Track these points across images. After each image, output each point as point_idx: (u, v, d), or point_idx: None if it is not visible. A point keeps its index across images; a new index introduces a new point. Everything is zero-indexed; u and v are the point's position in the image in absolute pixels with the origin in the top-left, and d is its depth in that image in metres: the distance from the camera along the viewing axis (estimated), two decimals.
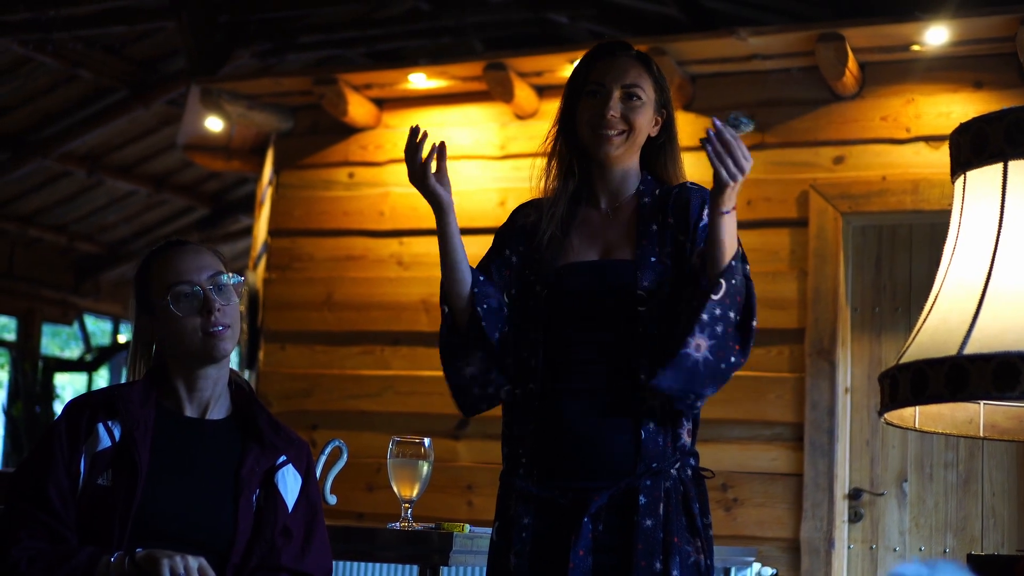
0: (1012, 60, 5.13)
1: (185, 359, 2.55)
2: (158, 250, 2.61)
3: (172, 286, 2.53)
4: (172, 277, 2.54)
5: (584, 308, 2.70)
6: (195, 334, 2.52)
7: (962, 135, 2.63)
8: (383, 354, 5.98)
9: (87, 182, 9.46)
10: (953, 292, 2.55)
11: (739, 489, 5.29)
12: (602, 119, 2.73)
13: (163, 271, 2.55)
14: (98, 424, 2.47)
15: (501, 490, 2.76)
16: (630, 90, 2.75)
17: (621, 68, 2.77)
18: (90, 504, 2.43)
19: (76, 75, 7.84)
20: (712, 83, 5.61)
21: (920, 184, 5.20)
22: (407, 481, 3.11)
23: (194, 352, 2.53)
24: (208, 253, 2.60)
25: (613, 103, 2.74)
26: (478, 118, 6.00)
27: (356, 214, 6.16)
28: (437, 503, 5.44)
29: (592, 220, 2.81)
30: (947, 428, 2.76)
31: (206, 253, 2.60)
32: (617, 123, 2.74)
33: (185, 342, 2.53)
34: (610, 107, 2.73)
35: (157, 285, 2.55)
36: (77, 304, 11.30)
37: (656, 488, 2.61)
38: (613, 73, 2.77)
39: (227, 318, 2.54)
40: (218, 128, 6.61)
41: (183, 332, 2.52)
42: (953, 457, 5.14)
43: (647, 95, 2.77)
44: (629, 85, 2.76)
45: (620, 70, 2.77)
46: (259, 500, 2.53)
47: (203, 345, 2.52)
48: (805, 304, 5.30)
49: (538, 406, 2.68)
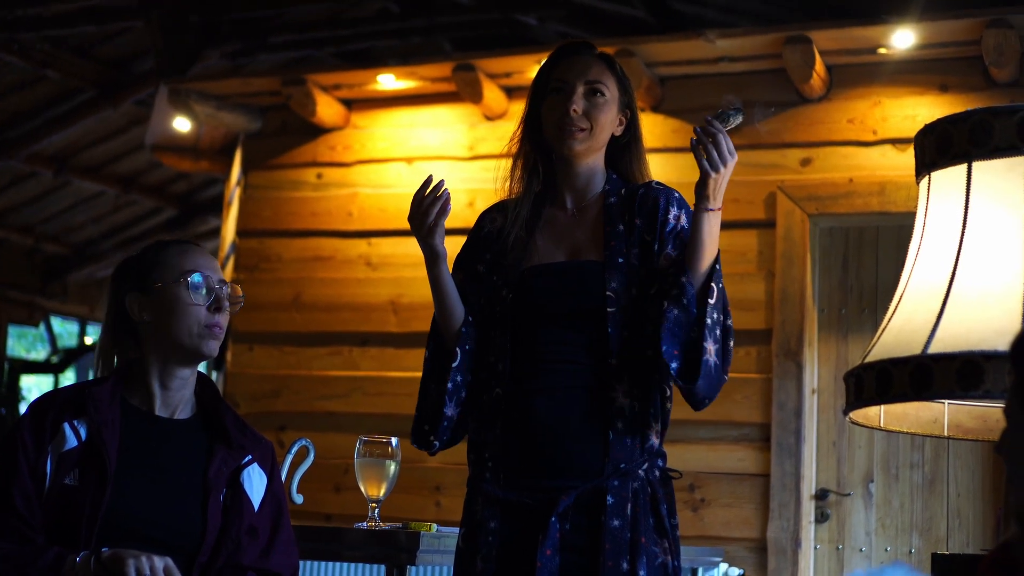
0: (977, 63, 5.17)
1: (168, 353, 2.55)
2: (171, 241, 2.66)
3: (191, 272, 2.56)
4: (190, 265, 2.57)
5: (552, 310, 2.70)
6: (195, 325, 2.54)
7: (927, 136, 2.64)
8: (351, 355, 5.97)
9: (54, 183, 9.41)
10: (918, 292, 2.56)
11: (706, 490, 5.30)
12: (565, 114, 2.74)
13: (183, 258, 2.59)
14: (64, 423, 2.46)
15: (468, 496, 2.76)
16: (593, 86, 2.76)
17: (584, 65, 2.79)
18: (57, 504, 2.42)
19: (43, 75, 7.80)
20: (680, 85, 5.62)
21: (887, 186, 5.24)
22: (374, 481, 3.10)
23: (184, 343, 2.54)
24: (217, 262, 2.66)
25: (576, 98, 2.75)
26: (447, 119, 6.00)
27: (324, 215, 6.15)
28: (405, 504, 5.43)
29: (558, 221, 2.81)
30: (912, 428, 2.77)
31: (216, 260, 2.69)
32: (580, 119, 2.74)
33: (183, 330, 2.53)
34: (573, 101, 2.74)
35: (173, 269, 2.57)
36: (43, 306, 11.23)
37: (624, 488, 2.61)
38: (576, 70, 2.78)
39: (225, 321, 2.59)
40: (186, 128, 6.59)
41: (185, 319, 2.54)
42: (919, 458, 5.17)
43: (610, 93, 2.78)
44: (592, 81, 2.77)
45: (583, 67, 2.78)
46: (225, 500, 2.53)
47: (198, 337, 2.54)
48: (772, 305, 5.32)
49: (505, 409, 2.69)
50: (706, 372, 2.59)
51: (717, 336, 2.61)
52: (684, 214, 2.75)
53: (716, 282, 2.62)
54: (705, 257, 2.61)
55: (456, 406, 2.74)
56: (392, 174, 6.03)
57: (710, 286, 2.61)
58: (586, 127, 2.75)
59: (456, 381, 2.73)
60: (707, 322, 2.59)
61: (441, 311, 2.77)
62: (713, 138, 2.58)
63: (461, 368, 2.74)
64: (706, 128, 2.59)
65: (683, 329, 2.60)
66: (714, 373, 2.61)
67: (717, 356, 2.61)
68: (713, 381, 2.61)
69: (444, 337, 2.78)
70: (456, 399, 2.74)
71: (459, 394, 2.74)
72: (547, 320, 2.70)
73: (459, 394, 2.74)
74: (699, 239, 2.61)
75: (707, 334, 2.59)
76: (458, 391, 2.74)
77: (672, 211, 2.74)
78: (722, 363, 2.63)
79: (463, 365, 2.74)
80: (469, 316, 2.77)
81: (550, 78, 2.81)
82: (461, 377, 2.74)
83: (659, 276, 2.67)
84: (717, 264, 2.62)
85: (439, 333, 2.79)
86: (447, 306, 2.76)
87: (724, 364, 2.64)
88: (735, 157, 2.59)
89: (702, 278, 2.62)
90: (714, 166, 2.57)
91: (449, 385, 2.72)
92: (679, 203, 2.76)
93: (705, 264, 2.61)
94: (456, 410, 2.74)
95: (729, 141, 2.59)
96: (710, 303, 2.60)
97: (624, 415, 2.64)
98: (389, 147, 6.08)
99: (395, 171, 6.03)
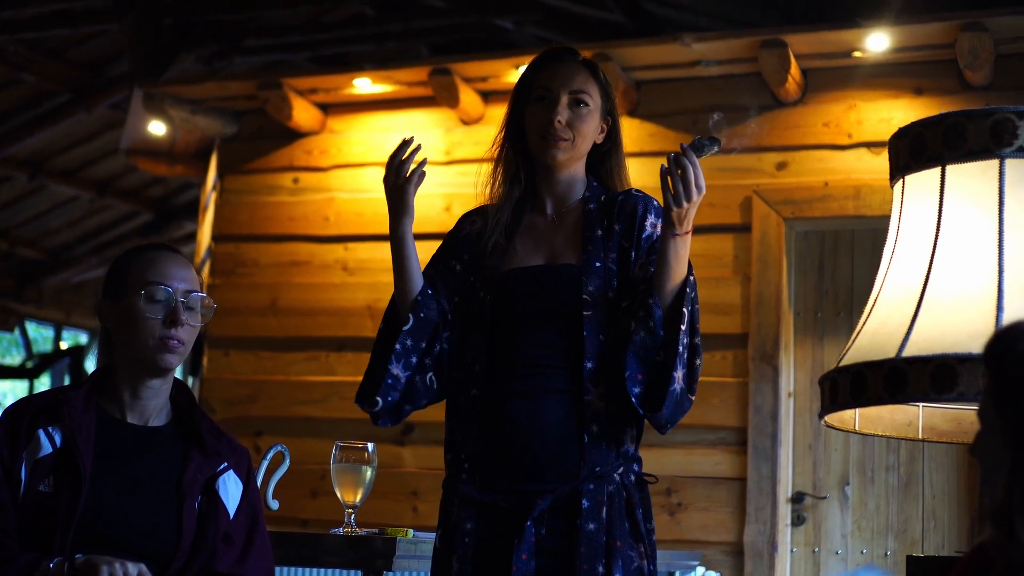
0: (952, 66, 5.19)
1: (131, 364, 2.54)
2: (147, 246, 2.62)
3: (149, 283, 2.53)
4: (152, 275, 2.54)
5: (529, 312, 2.70)
6: (150, 338, 2.51)
7: (901, 139, 2.65)
8: (328, 360, 5.96)
9: (29, 187, 9.37)
10: (892, 295, 2.57)
11: (683, 493, 5.31)
12: (550, 124, 2.74)
13: (145, 266, 2.56)
14: (39, 430, 2.45)
15: (444, 497, 2.76)
16: (577, 96, 2.76)
17: (569, 74, 2.78)
18: (32, 510, 2.41)
19: (18, 78, 7.76)
20: (657, 89, 5.63)
21: (862, 189, 5.25)
22: (350, 486, 3.10)
23: (142, 356, 2.52)
24: (191, 269, 2.62)
25: (561, 108, 2.74)
26: (423, 123, 6.00)
27: (301, 219, 6.14)
28: (382, 509, 5.42)
29: (537, 226, 2.81)
30: (887, 430, 2.78)
31: (190, 268, 2.61)
32: (563, 129, 2.74)
33: (138, 342, 2.52)
34: (557, 112, 2.74)
35: (135, 278, 2.54)
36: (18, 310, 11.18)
37: (599, 492, 2.61)
38: (561, 78, 2.77)
39: (185, 335, 2.54)
40: (161, 132, 6.57)
41: (141, 331, 2.51)
42: (894, 460, 5.19)
43: (594, 101, 2.78)
44: (576, 91, 2.76)
45: (568, 75, 2.78)
46: (201, 506, 2.52)
47: (153, 351, 2.51)
48: (748, 309, 5.33)
49: (481, 410, 2.68)
50: (670, 401, 2.58)
51: (685, 360, 2.61)
52: (660, 223, 2.75)
53: (688, 305, 2.60)
54: (672, 278, 2.60)
55: (404, 369, 2.71)
56: (369, 179, 6.02)
57: (681, 311, 2.59)
58: (569, 137, 2.75)
59: (405, 344, 2.70)
60: (678, 348, 2.58)
61: (400, 274, 2.74)
62: (683, 170, 2.55)
63: (412, 333, 2.71)
64: (678, 158, 2.56)
65: (648, 352, 2.60)
66: (679, 399, 2.61)
67: (684, 381, 2.61)
68: (676, 408, 2.61)
69: (398, 304, 2.75)
70: (404, 362, 2.70)
71: (408, 357, 2.71)
72: (524, 322, 2.70)
73: (408, 357, 2.71)
74: (665, 262, 2.60)
75: (677, 362, 2.58)
76: (407, 354, 2.71)
77: (650, 219, 2.74)
78: (688, 385, 2.62)
79: (415, 330, 2.72)
80: (428, 289, 2.76)
81: (534, 84, 2.80)
82: (411, 341, 2.71)
83: (631, 289, 2.68)
84: (688, 286, 2.61)
85: (394, 302, 2.77)
86: (406, 269, 2.73)
87: (691, 386, 2.63)
88: (703, 192, 2.56)
89: (670, 298, 2.61)
90: (677, 201, 2.55)
91: (398, 346, 2.70)
92: (657, 211, 2.76)
93: (672, 284, 2.60)
94: (403, 373, 2.71)
95: (699, 174, 2.56)
96: (681, 329, 2.59)
97: (600, 419, 2.64)
98: (366, 151, 6.08)
99: (372, 176, 6.02)
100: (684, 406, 2.63)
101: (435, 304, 2.76)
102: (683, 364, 2.60)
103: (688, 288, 2.61)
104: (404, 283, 2.75)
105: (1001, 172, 2.48)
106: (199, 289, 2.60)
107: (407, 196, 2.72)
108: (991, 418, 1.67)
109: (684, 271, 2.62)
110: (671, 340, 2.59)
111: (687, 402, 2.63)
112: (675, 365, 2.58)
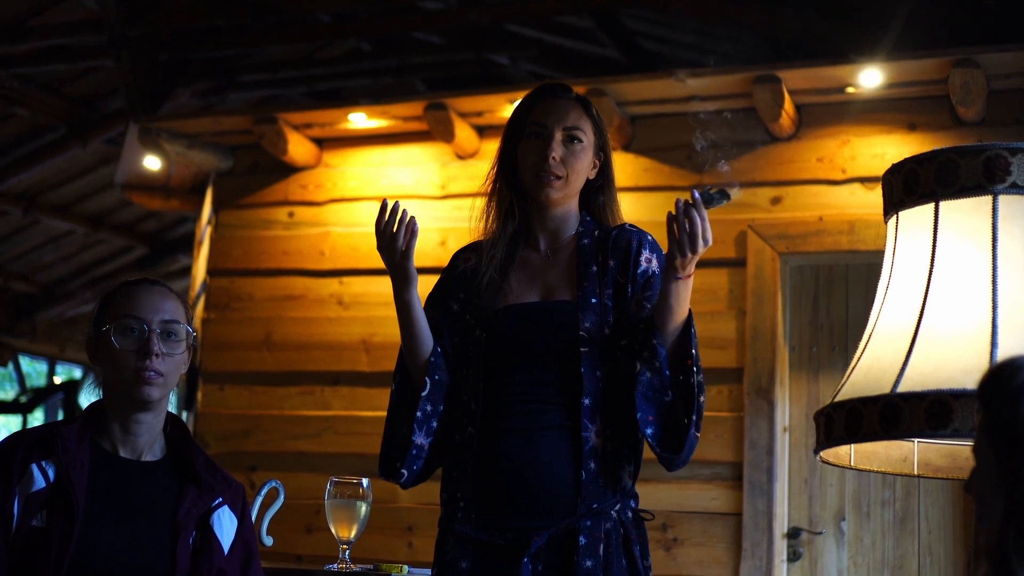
0: (945, 102, 5.21)
1: (117, 399, 2.53)
2: (128, 282, 2.61)
3: (121, 317, 2.52)
4: (125, 309, 2.53)
5: (525, 349, 2.70)
6: (126, 372, 2.50)
7: (894, 175, 2.66)
8: (322, 394, 5.94)
9: (23, 221, 9.37)
10: (886, 331, 2.57)
11: (679, 529, 5.29)
12: (544, 161, 2.74)
13: (121, 300, 2.55)
14: (32, 464, 2.44)
15: (439, 536, 2.75)
16: (571, 132, 2.77)
17: (562, 110, 2.79)
18: (24, 545, 2.39)
19: (13, 113, 7.78)
20: (651, 124, 5.65)
21: (856, 224, 5.26)
22: (345, 522, 3.08)
23: (122, 391, 2.51)
24: (172, 299, 2.59)
25: (555, 145, 2.75)
26: (419, 158, 6.01)
27: (296, 254, 6.14)
28: (378, 545, 5.40)
29: (532, 262, 2.81)
30: (882, 466, 2.78)
31: (170, 298, 2.58)
32: (557, 166, 2.75)
33: (116, 377, 2.51)
34: (552, 149, 2.74)
35: (111, 313, 2.54)
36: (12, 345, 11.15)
37: (596, 529, 2.61)
38: (555, 115, 2.78)
39: (162, 366, 2.52)
40: (157, 167, 6.57)
41: (116, 366, 2.51)
42: (890, 496, 5.18)
43: (587, 138, 2.79)
44: (571, 127, 2.77)
45: (562, 112, 2.78)
46: (195, 542, 2.51)
47: (131, 385, 2.50)
48: (743, 343, 5.33)
49: (477, 448, 2.68)
50: (689, 444, 2.59)
51: (700, 404, 2.61)
52: (656, 258, 2.75)
53: (695, 346, 2.61)
54: (674, 319, 2.61)
55: (426, 435, 2.72)
56: (364, 213, 6.03)
57: (690, 352, 2.60)
58: (563, 174, 2.75)
59: (425, 410, 2.71)
60: (694, 391, 2.58)
61: (410, 339, 2.74)
62: (691, 222, 2.54)
63: (431, 398, 2.72)
64: (688, 209, 2.54)
65: (656, 393, 2.60)
66: (693, 440, 2.61)
67: (696, 428, 2.60)
68: (691, 449, 2.61)
69: (412, 368, 2.75)
70: (426, 428, 2.71)
71: (429, 423, 2.72)
72: (520, 359, 2.70)
73: (429, 423, 2.72)
74: (667, 303, 2.61)
75: (695, 413, 2.58)
76: (428, 420, 2.72)
77: (644, 254, 2.74)
78: (698, 424, 2.62)
79: (433, 395, 2.72)
80: (438, 347, 2.76)
81: (527, 120, 2.81)
82: (431, 407, 2.72)
83: (630, 327, 2.68)
84: (692, 326, 2.62)
85: (406, 364, 2.77)
86: (416, 334, 2.73)
87: (699, 424, 2.63)
88: (709, 244, 2.55)
89: (673, 337, 2.62)
90: (682, 251, 2.55)
91: (418, 414, 2.70)
92: (651, 246, 2.77)
93: (674, 325, 2.61)
94: (426, 440, 2.72)
95: (707, 227, 2.54)
96: (694, 370, 2.59)
97: (596, 455, 2.63)
98: (361, 186, 6.08)
99: (367, 210, 6.02)
100: (694, 448, 2.63)
101: (444, 363, 2.76)
102: (696, 411, 2.60)
103: (692, 328, 2.62)
104: (416, 347, 2.74)
105: (994, 208, 2.49)
106: (180, 319, 2.57)
107: (408, 267, 2.70)
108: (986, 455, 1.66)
109: (685, 312, 2.62)
110: (686, 383, 2.59)
111: (696, 440, 2.64)
112: (692, 408, 2.58)
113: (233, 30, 6.96)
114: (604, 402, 2.65)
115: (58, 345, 11.43)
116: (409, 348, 2.75)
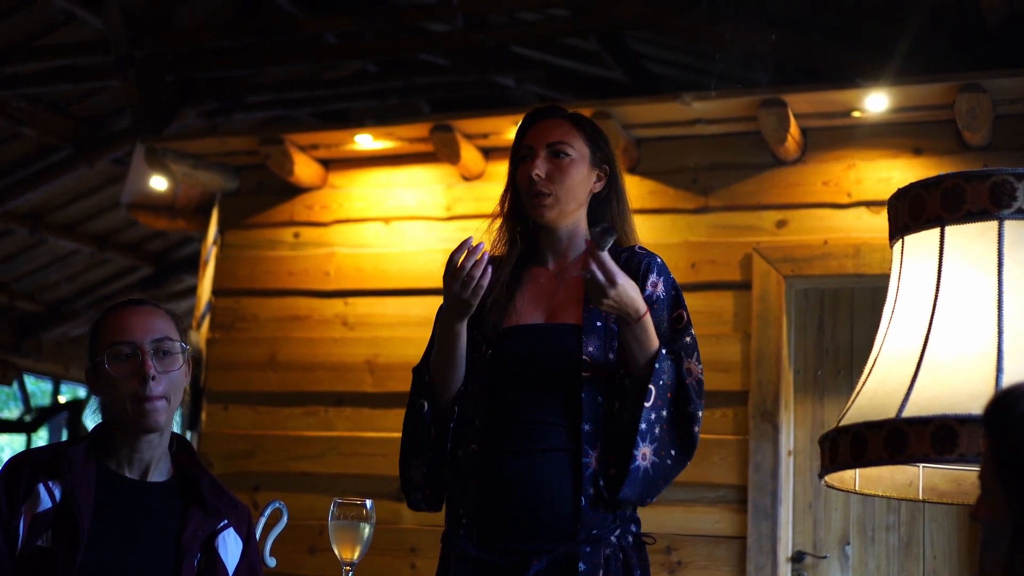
0: (950, 127, 5.21)
1: (121, 426, 2.52)
2: (114, 305, 2.57)
3: (112, 344, 2.49)
4: (115, 335, 2.50)
5: (528, 371, 2.70)
6: (127, 400, 2.48)
7: (900, 200, 2.66)
8: (327, 415, 5.94)
9: (29, 240, 9.38)
10: (892, 355, 2.57)
11: (683, 552, 5.28)
12: (530, 182, 2.75)
13: (110, 327, 2.52)
14: (38, 484, 2.43)
15: (442, 553, 2.75)
16: (555, 148, 2.77)
17: (547, 128, 2.80)
18: (29, 566, 2.38)
19: (20, 133, 7.79)
20: (656, 147, 5.66)
21: (861, 248, 5.26)
22: (348, 544, 3.07)
23: (127, 419, 2.49)
24: (161, 316, 2.55)
25: (539, 163, 2.75)
26: (424, 179, 6.02)
27: (301, 274, 6.15)
28: (381, 566, 5.39)
29: (539, 281, 2.81)
30: (887, 491, 2.77)
31: (158, 316, 2.55)
32: (543, 183, 2.74)
33: (118, 407, 2.49)
34: (535, 167, 2.74)
35: (101, 343, 2.51)
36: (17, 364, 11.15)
37: (596, 555, 2.60)
38: (540, 135, 2.79)
39: (163, 388, 2.49)
40: (163, 187, 6.59)
41: (117, 395, 2.49)
42: (895, 520, 5.17)
43: (576, 151, 2.78)
44: (554, 143, 2.77)
45: (546, 130, 2.79)
46: (200, 564, 2.51)
47: (134, 416, 2.48)
48: (748, 367, 5.32)
49: (480, 466, 2.67)
50: (632, 479, 2.58)
51: (656, 435, 2.60)
52: (662, 282, 2.75)
53: (655, 382, 2.60)
54: (640, 359, 2.62)
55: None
56: (369, 234, 6.04)
57: (647, 388, 2.60)
58: (550, 191, 2.74)
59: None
60: (640, 427, 2.58)
61: (448, 368, 2.73)
62: (591, 275, 2.54)
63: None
64: (585, 262, 2.54)
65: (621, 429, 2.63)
66: (652, 473, 2.59)
67: (655, 455, 2.59)
68: (642, 486, 2.60)
69: (441, 395, 2.75)
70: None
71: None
72: (523, 381, 2.69)
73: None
74: (627, 347, 2.63)
75: (639, 439, 2.57)
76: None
77: (651, 278, 2.74)
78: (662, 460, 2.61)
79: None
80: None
81: (520, 146, 2.82)
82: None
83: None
84: (657, 362, 2.61)
85: (433, 389, 2.76)
86: (456, 363, 2.73)
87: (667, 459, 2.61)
88: (617, 286, 2.54)
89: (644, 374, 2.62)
90: (596, 301, 2.56)
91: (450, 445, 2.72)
92: (659, 270, 2.76)
93: (641, 363, 2.62)
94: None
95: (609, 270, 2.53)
96: (646, 406, 2.59)
97: (597, 481, 2.62)
98: (366, 207, 6.09)
99: (372, 231, 6.03)
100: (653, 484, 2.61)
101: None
102: (651, 441, 2.59)
103: (658, 365, 2.60)
104: (453, 374, 2.74)
105: (1000, 234, 2.49)
106: (172, 335, 2.53)
107: (474, 305, 2.68)
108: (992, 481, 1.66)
109: (651, 349, 2.61)
110: (634, 419, 2.59)
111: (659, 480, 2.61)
112: (636, 443, 2.57)
113: (239, 51, 6.98)
114: (605, 427, 2.64)
115: (63, 364, 11.42)
116: (447, 373, 2.74)
